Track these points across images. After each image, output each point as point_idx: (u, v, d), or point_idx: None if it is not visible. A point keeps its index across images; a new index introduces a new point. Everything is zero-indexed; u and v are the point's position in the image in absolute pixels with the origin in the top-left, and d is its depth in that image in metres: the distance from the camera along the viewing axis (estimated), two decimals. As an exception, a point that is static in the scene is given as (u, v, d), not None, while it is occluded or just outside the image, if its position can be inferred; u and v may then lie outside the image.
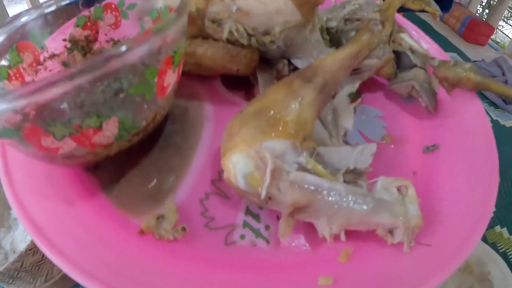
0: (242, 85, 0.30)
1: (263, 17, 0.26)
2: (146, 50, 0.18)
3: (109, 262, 0.20)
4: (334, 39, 0.31)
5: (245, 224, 0.23)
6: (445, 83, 0.31)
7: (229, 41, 0.27)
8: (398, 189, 0.21)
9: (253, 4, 0.25)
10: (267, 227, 0.23)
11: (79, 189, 0.23)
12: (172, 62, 0.21)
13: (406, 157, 0.28)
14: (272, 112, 0.21)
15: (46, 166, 0.23)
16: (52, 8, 0.28)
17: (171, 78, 0.21)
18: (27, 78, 0.27)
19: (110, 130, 0.20)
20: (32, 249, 0.31)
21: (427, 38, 0.37)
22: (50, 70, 0.28)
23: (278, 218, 0.23)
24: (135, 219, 0.22)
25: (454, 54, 0.77)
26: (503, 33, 1.36)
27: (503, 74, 0.69)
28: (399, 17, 0.36)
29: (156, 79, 0.20)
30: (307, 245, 0.22)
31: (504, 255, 0.42)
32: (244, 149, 0.20)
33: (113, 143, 0.21)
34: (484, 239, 0.44)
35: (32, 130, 0.18)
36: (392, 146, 0.28)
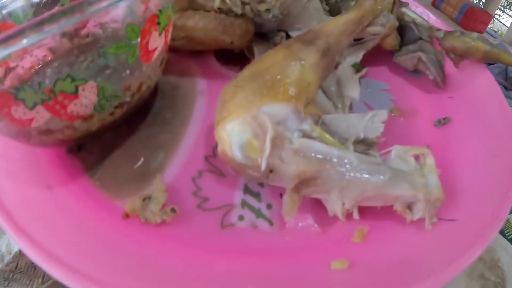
0: (237, 60, 0.28)
1: (257, -18, 0.24)
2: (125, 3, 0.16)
3: (90, 250, 0.17)
4: (333, 10, 0.29)
5: (244, 204, 0.20)
6: (452, 54, 0.29)
7: (221, 11, 0.25)
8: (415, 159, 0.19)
9: (246, -32, 0.23)
10: (269, 206, 0.20)
11: (61, 173, 0.21)
12: (157, 22, 0.19)
13: (417, 130, 0.26)
14: (270, 74, 0.19)
15: (26, 149, 0.21)
16: (36, -12, 0.26)
17: (156, 41, 0.19)
18: (11, 64, 0.25)
19: (88, 97, 0.17)
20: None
21: (430, 13, 0.35)
22: (35, 55, 0.26)
23: (281, 195, 0.20)
24: (120, 202, 0.20)
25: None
26: (500, 22, 1.36)
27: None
28: (400, -8, 0.34)
29: (139, 39, 0.18)
30: (316, 225, 0.20)
31: (512, 242, 0.40)
32: (240, 115, 0.17)
33: (93, 115, 0.19)
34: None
35: (0, 97, 0.16)
36: (402, 119, 0.26)
